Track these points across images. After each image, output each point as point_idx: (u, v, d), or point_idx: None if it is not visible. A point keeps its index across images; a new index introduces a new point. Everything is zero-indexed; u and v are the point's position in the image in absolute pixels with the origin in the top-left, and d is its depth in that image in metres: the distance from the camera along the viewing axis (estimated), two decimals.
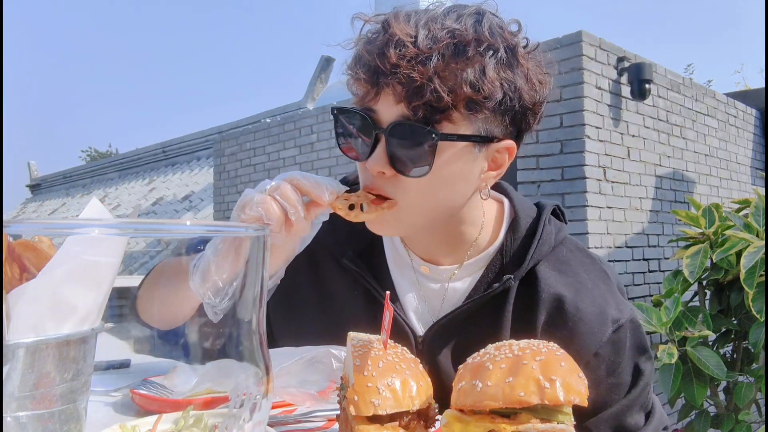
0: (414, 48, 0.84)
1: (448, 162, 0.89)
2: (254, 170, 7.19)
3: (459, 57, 0.84)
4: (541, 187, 4.26)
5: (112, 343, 1.16)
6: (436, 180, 0.89)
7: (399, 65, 0.83)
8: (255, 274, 0.60)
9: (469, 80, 0.84)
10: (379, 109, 0.88)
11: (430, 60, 0.83)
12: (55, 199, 15.16)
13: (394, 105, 0.87)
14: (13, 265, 0.60)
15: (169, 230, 0.65)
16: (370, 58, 0.86)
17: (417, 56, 0.83)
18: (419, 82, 0.83)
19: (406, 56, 0.84)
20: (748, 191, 5.96)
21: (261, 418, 0.59)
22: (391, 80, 0.84)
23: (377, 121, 0.89)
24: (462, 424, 0.59)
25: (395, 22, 0.87)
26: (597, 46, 4.27)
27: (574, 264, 1.04)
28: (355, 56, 0.92)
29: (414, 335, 1.03)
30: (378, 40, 0.88)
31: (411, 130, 0.86)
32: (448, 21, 0.87)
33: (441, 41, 0.84)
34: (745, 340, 3.13)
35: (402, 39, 0.85)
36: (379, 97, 0.88)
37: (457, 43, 0.85)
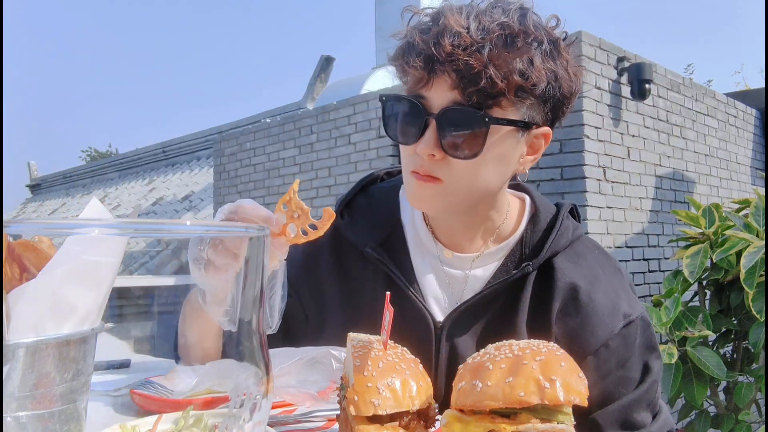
0: (468, 37, 0.90)
1: (495, 145, 0.95)
2: (254, 170, 7.19)
3: (510, 47, 0.91)
4: (541, 187, 4.26)
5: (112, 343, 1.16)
6: (482, 161, 0.95)
7: (454, 53, 0.89)
8: (255, 275, 0.60)
9: (518, 69, 0.90)
10: (430, 96, 0.94)
11: (484, 49, 0.89)
12: (55, 199, 15.16)
13: (448, 91, 0.92)
14: (13, 265, 0.60)
15: (169, 230, 0.65)
16: (425, 47, 0.91)
17: (472, 45, 0.89)
18: (476, 69, 0.89)
19: (461, 45, 0.89)
20: (748, 191, 5.96)
21: (261, 418, 0.59)
22: (447, 67, 0.90)
23: (428, 106, 0.94)
24: (462, 424, 0.59)
25: (449, 13, 0.93)
26: (597, 46, 4.27)
27: (590, 258, 1.09)
28: (405, 45, 0.97)
29: (433, 321, 1.05)
30: (432, 30, 0.93)
31: (464, 115, 0.93)
32: (495, 14, 0.93)
33: (493, 32, 0.90)
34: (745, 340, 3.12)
35: (456, 29, 0.90)
36: (431, 83, 0.93)
37: (508, 34, 0.91)
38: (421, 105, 0.94)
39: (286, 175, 6.76)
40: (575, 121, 4.13)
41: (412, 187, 1.00)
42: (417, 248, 1.13)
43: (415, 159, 0.97)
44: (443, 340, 1.04)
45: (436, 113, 0.93)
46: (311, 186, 6.38)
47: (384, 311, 0.69)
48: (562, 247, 1.07)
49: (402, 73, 0.99)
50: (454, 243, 1.10)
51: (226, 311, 0.72)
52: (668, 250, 4.72)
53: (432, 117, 0.93)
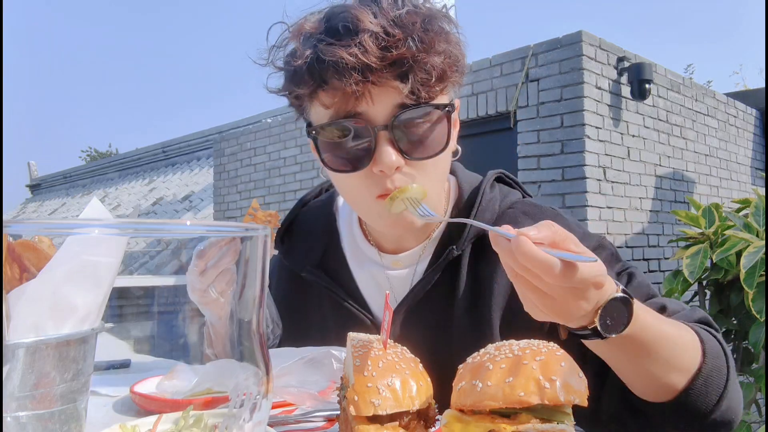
0: (392, 34, 0.83)
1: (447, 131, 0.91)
2: (254, 170, 7.19)
3: (428, 32, 0.86)
4: (542, 188, 4.26)
5: (112, 343, 1.16)
6: (443, 153, 0.92)
7: (387, 55, 0.83)
8: (255, 275, 0.60)
9: (444, 50, 0.88)
10: (370, 108, 0.86)
11: (413, 41, 0.84)
12: (55, 199, 15.16)
13: (391, 96, 0.85)
14: (13, 265, 0.60)
15: (169, 230, 0.65)
16: (352, 59, 0.82)
17: (399, 41, 0.84)
18: (415, 63, 0.84)
19: (390, 45, 0.83)
20: (748, 191, 5.96)
21: (261, 418, 0.59)
22: (386, 72, 0.83)
23: (371, 120, 0.86)
24: (462, 424, 0.59)
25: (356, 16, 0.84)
26: (597, 46, 4.27)
27: (524, 219, 1.03)
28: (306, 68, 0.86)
29: (378, 326, 1.04)
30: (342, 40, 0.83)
31: (420, 114, 0.88)
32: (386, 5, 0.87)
33: (407, 23, 0.85)
34: (745, 340, 3.12)
35: (373, 30, 0.83)
36: (369, 96, 0.85)
37: (421, 21, 0.86)
38: (363, 121, 0.86)
39: (286, 174, 6.76)
40: (576, 121, 4.13)
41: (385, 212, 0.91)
42: (355, 257, 1.11)
43: (374, 181, 0.89)
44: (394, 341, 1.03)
45: (387, 123, 0.86)
46: (312, 185, 6.37)
47: (384, 311, 0.69)
48: (488, 222, 1.01)
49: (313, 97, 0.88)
50: (398, 242, 1.07)
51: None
52: (668, 250, 4.72)
53: (382, 129, 0.86)
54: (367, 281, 1.09)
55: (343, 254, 1.12)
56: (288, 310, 1.16)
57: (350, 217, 1.15)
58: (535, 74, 4.39)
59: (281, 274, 1.20)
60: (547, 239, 0.63)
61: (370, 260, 1.10)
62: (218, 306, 0.89)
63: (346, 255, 1.12)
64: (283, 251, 1.18)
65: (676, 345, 0.80)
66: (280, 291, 1.19)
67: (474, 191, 1.07)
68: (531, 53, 4.41)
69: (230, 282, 0.88)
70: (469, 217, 1.02)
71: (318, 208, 1.21)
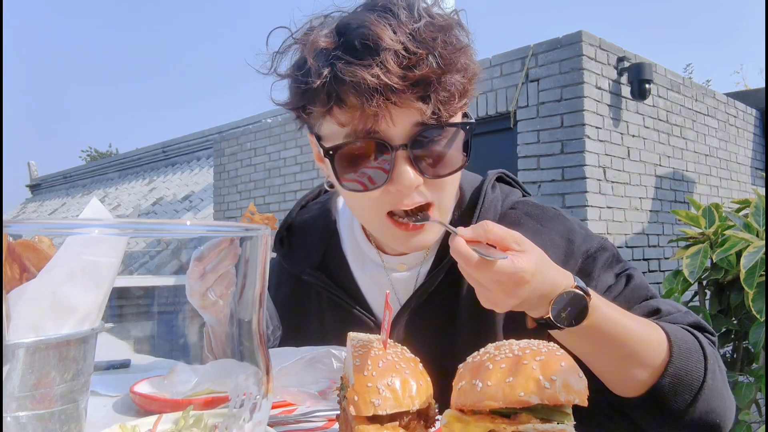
0: (413, 53, 0.81)
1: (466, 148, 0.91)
2: (255, 170, 7.19)
3: (449, 47, 0.84)
4: (542, 188, 4.26)
5: (112, 343, 1.16)
6: (461, 170, 0.92)
7: (408, 75, 0.80)
8: (255, 275, 0.60)
9: (463, 64, 0.86)
10: (388, 127, 0.83)
11: (436, 58, 0.82)
12: (55, 199, 15.16)
13: (410, 115, 0.83)
14: (13, 265, 0.60)
15: (169, 230, 0.65)
16: (373, 79, 0.79)
17: (420, 60, 0.81)
18: (435, 82, 0.82)
19: (411, 64, 0.81)
20: (748, 191, 5.96)
21: (261, 418, 0.59)
22: (408, 93, 0.81)
23: (390, 138, 0.84)
24: (462, 424, 0.59)
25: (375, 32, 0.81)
26: (597, 46, 4.27)
27: (526, 220, 1.04)
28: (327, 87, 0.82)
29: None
30: (361, 59, 0.80)
31: (439, 132, 0.86)
32: (404, 18, 0.84)
33: (428, 38, 0.82)
34: (745, 340, 3.12)
35: (394, 48, 0.80)
36: (389, 115, 0.82)
37: (439, 35, 0.84)
38: (381, 141, 0.84)
39: (286, 174, 6.76)
40: (576, 121, 4.13)
41: (399, 234, 0.92)
42: (357, 260, 1.10)
43: (387, 198, 0.88)
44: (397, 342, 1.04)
45: (406, 143, 0.84)
46: (312, 185, 6.38)
47: (384, 311, 0.69)
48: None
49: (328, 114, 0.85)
50: None
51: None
52: (668, 250, 4.72)
53: (401, 149, 0.84)
54: (369, 283, 1.09)
55: (344, 256, 1.11)
56: (288, 313, 1.16)
57: (351, 219, 1.14)
58: (535, 74, 4.39)
59: (281, 277, 1.19)
60: (480, 237, 0.73)
61: (372, 262, 1.09)
62: (217, 309, 0.89)
63: (348, 257, 1.11)
64: (282, 254, 1.17)
65: (641, 341, 0.83)
66: (280, 294, 1.18)
67: (476, 192, 1.07)
68: (531, 53, 4.41)
69: (229, 285, 0.88)
70: (472, 219, 1.03)
71: (317, 210, 1.20)
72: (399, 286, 1.06)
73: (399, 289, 1.07)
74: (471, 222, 1.02)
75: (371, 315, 1.07)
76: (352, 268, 1.10)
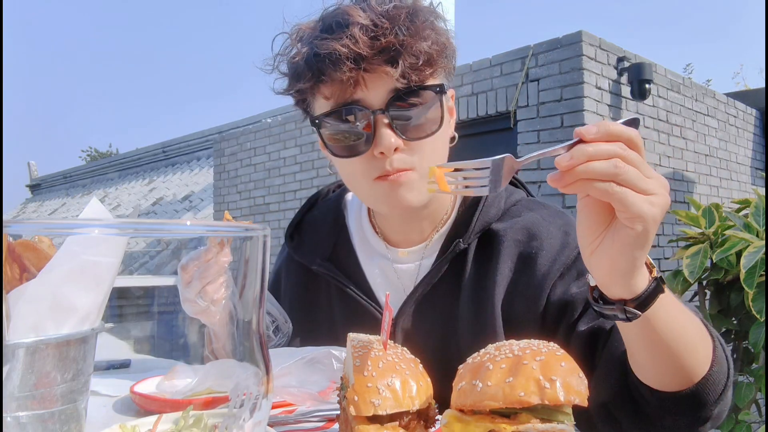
0: (380, 25, 0.90)
1: (440, 111, 0.97)
2: (254, 170, 7.18)
3: (415, 22, 0.93)
4: (542, 188, 4.26)
5: (112, 343, 1.16)
6: (440, 133, 0.97)
7: (376, 44, 0.89)
8: (255, 274, 0.60)
9: (432, 37, 0.93)
10: (366, 95, 0.92)
11: (401, 29, 0.91)
12: (55, 199, 15.16)
13: (384, 82, 0.91)
14: (13, 265, 0.60)
15: (169, 230, 0.65)
16: (345, 50, 0.89)
17: (387, 30, 0.90)
18: (405, 49, 0.90)
19: (379, 34, 0.90)
20: (748, 191, 5.96)
21: (261, 418, 0.59)
22: (378, 59, 0.90)
23: (368, 105, 0.93)
24: (462, 424, 0.59)
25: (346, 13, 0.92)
26: (597, 46, 4.27)
27: (527, 214, 1.08)
28: (303, 63, 0.94)
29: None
30: (335, 34, 0.91)
31: (413, 95, 0.93)
32: (374, 3, 0.94)
33: (395, 15, 0.92)
34: (745, 340, 3.12)
35: (363, 23, 0.90)
36: (364, 83, 0.91)
37: (407, 13, 0.93)
38: (361, 108, 0.93)
39: (286, 174, 6.76)
40: (576, 121, 4.13)
41: (384, 192, 0.97)
42: (364, 251, 1.15)
43: (373, 164, 0.95)
44: (399, 334, 1.07)
45: (382, 107, 0.92)
46: (312, 185, 6.38)
47: (384, 311, 0.69)
48: (494, 217, 1.07)
49: (315, 90, 0.96)
50: (404, 236, 1.12)
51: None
52: (668, 250, 4.71)
53: (379, 113, 0.92)
54: (375, 274, 1.13)
55: (353, 248, 1.16)
56: (298, 305, 1.19)
57: (359, 212, 1.19)
58: (535, 74, 4.39)
59: (290, 270, 1.23)
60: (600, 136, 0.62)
61: (378, 253, 1.14)
62: (210, 315, 0.90)
63: (356, 249, 1.16)
64: (293, 247, 1.22)
65: (696, 333, 0.79)
66: (290, 286, 1.23)
67: None
68: (531, 53, 4.41)
69: (219, 291, 0.90)
70: (475, 213, 1.07)
71: (327, 206, 1.25)
72: (404, 276, 1.11)
73: (404, 279, 1.11)
74: (473, 220, 1.06)
75: (377, 305, 1.10)
76: (360, 259, 1.15)
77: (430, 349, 0.96)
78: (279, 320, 1.12)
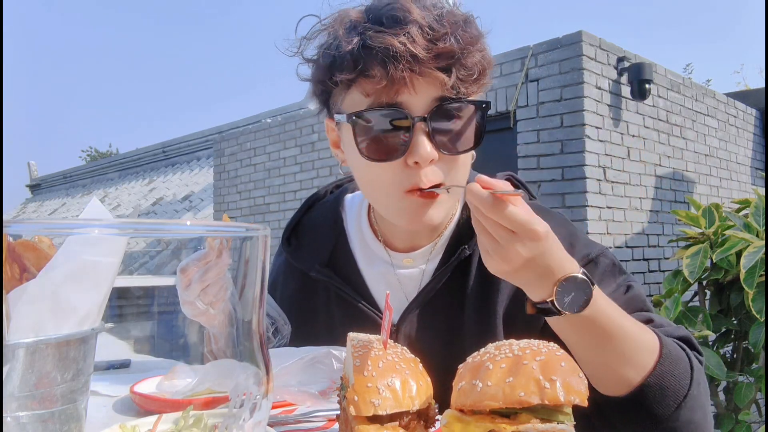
0: (438, 29, 0.86)
1: (480, 128, 0.94)
2: (254, 170, 7.19)
3: (468, 32, 0.89)
4: (542, 187, 4.26)
5: (112, 343, 1.16)
6: (474, 149, 0.94)
7: (433, 48, 0.85)
8: (255, 274, 0.60)
9: (481, 49, 0.91)
10: (410, 99, 0.87)
11: (456, 37, 0.87)
12: (55, 199, 15.16)
13: (431, 88, 0.87)
14: (13, 265, 0.60)
15: (169, 230, 0.65)
16: (401, 48, 0.83)
17: (445, 36, 0.86)
18: (458, 58, 0.87)
19: (436, 38, 0.85)
20: (748, 191, 5.96)
21: (261, 418, 0.59)
22: (431, 63, 0.85)
23: (411, 110, 0.87)
24: (462, 424, 0.59)
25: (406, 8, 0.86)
26: (597, 46, 4.27)
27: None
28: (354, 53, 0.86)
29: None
30: (390, 29, 0.85)
31: (458, 108, 0.90)
32: (429, 5, 0.90)
33: (450, 21, 0.88)
34: (745, 340, 3.12)
35: (421, 23, 0.85)
36: (407, 86, 0.86)
37: (461, 20, 0.90)
38: (402, 111, 0.87)
39: (286, 174, 6.76)
40: (576, 121, 4.13)
41: (413, 207, 0.93)
42: (365, 256, 1.12)
43: (406, 173, 0.90)
44: (401, 340, 1.05)
45: (424, 115, 0.87)
46: (312, 185, 6.38)
47: (384, 311, 0.69)
48: None
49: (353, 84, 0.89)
50: (408, 242, 1.08)
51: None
52: (668, 250, 4.72)
53: (419, 120, 0.87)
54: (376, 280, 1.10)
55: (352, 253, 1.13)
56: (296, 311, 1.17)
57: (359, 216, 1.16)
58: (535, 74, 4.39)
59: (288, 275, 1.21)
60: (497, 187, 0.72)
61: (379, 259, 1.11)
62: (209, 318, 0.90)
63: (355, 254, 1.13)
64: (290, 251, 1.19)
65: (634, 340, 0.84)
66: (287, 291, 1.20)
67: None
68: (531, 53, 4.41)
69: (219, 293, 0.89)
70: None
71: (325, 208, 1.22)
72: (406, 281, 1.08)
73: (406, 285, 1.08)
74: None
75: (378, 311, 1.08)
76: (360, 265, 1.12)
77: (433, 355, 0.95)
78: (278, 322, 1.11)
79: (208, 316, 0.90)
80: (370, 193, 1.01)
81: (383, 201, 0.98)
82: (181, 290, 0.90)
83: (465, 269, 1.04)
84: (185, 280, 0.89)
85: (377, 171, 0.92)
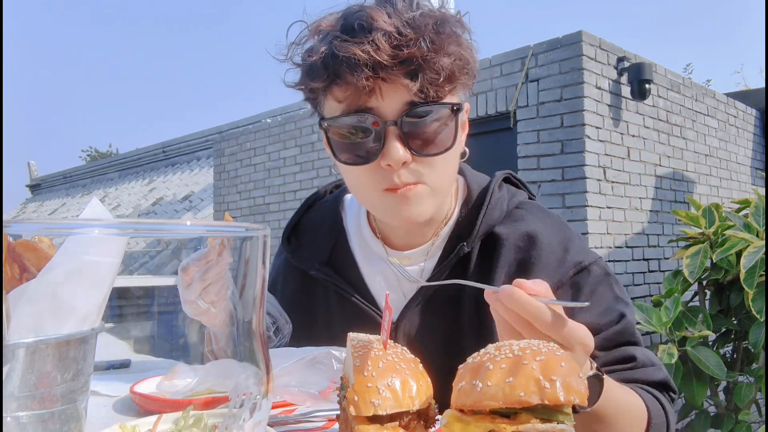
0: (405, 35, 0.87)
1: (454, 130, 0.94)
2: (254, 170, 7.18)
3: (440, 34, 0.89)
4: (542, 187, 4.26)
5: (112, 343, 1.16)
6: (450, 152, 0.95)
7: (399, 54, 0.86)
8: (255, 275, 0.60)
9: (454, 52, 0.90)
10: (380, 104, 0.89)
11: (424, 41, 0.87)
12: (55, 199, 15.16)
13: (400, 93, 0.89)
14: (13, 265, 0.60)
15: (169, 230, 0.65)
16: (364, 56, 0.85)
17: (411, 41, 0.87)
18: (425, 62, 0.87)
19: (402, 43, 0.86)
20: (748, 191, 5.96)
21: (261, 418, 0.59)
22: (397, 70, 0.87)
23: (382, 115, 0.89)
24: (462, 424, 0.59)
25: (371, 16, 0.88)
26: (597, 46, 4.27)
27: (530, 220, 1.07)
28: (319, 63, 0.89)
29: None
30: (356, 37, 0.87)
31: (427, 111, 0.90)
32: (401, 8, 0.90)
33: (421, 24, 0.88)
34: (745, 340, 3.12)
35: (387, 29, 0.86)
36: (379, 91, 0.88)
37: (433, 23, 0.90)
38: (373, 116, 0.89)
39: (286, 174, 6.76)
40: (576, 121, 4.13)
41: (392, 204, 0.95)
42: (364, 255, 1.13)
43: (382, 175, 0.92)
44: (400, 338, 1.05)
45: (395, 119, 0.89)
46: (312, 185, 6.38)
47: (384, 311, 0.69)
48: (497, 220, 1.06)
49: (327, 91, 0.92)
50: (406, 240, 1.10)
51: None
52: (668, 250, 4.72)
53: (391, 125, 0.89)
54: (375, 278, 1.12)
55: (351, 252, 1.14)
56: (296, 310, 1.18)
57: (358, 215, 1.17)
58: (535, 74, 4.39)
59: (287, 274, 1.22)
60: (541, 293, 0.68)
61: (378, 257, 1.12)
62: (210, 317, 0.90)
63: (354, 252, 1.14)
64: (290, 251, 1.20)
65: (630, 414, 0.88)
66: (287, 291, 1.21)
67: (483, 191, 1.10)
68: (531, 53, 4.41)
69: (220, 292, 0.90)
70: (479, 214, 1.06)
71: (325, 208, 1.23)
72: (405, 280, 1.09)
73: (405, 282, 1.09)
74: (477, 223, 1.05)
75: (377, 309, 1.09)
76: (359, 263, 1.13)
77: (433, 353, 0.96)
78: (279, 321, 1.12)
79: (210, 315, 0.91)
80: (354, 192, 1.04)
81: (366, 199, 1.01)
82: (183, 289, 0.91)
83: (464, 266, 1.05)
84: (186, 280, 0.90)
85: (356, 173, 0.96)
